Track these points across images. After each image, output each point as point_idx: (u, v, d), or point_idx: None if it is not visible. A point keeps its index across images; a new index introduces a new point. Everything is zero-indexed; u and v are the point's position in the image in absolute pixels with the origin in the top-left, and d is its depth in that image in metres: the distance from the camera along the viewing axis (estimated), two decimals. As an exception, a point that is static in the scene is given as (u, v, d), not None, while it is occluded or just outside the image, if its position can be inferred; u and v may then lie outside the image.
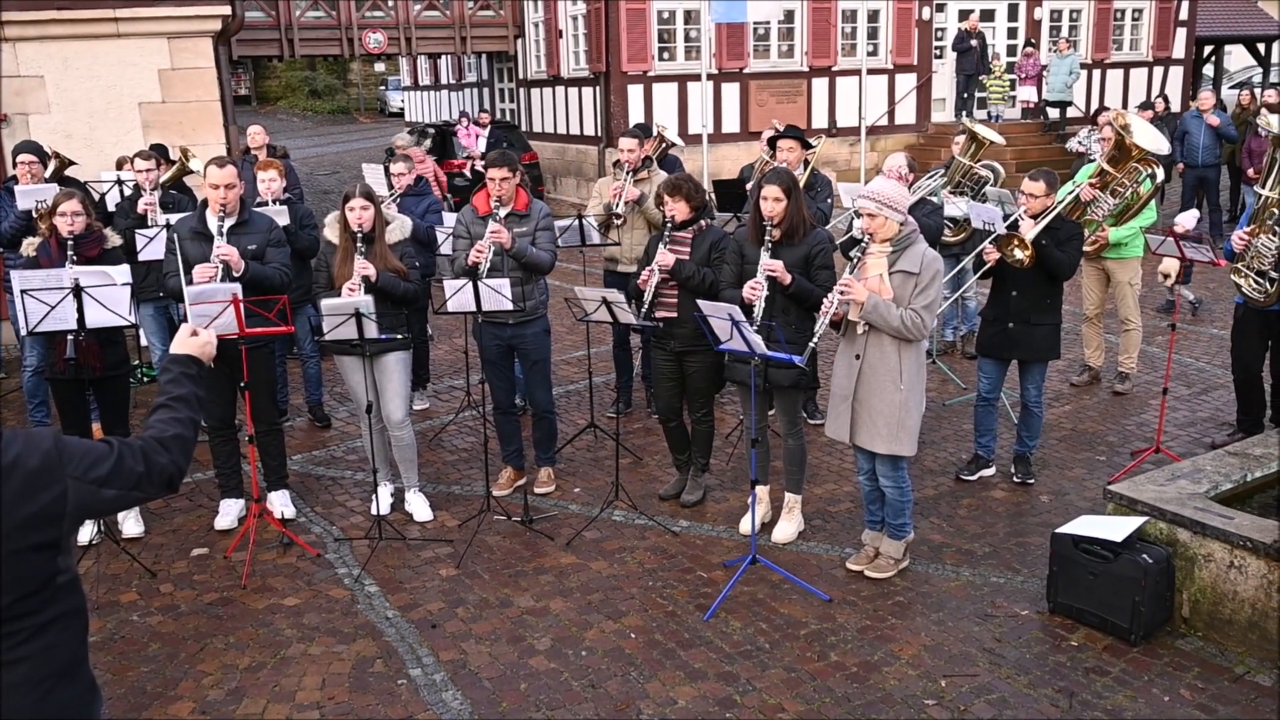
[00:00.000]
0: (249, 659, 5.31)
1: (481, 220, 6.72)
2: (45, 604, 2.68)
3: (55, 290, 6.03)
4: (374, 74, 51.53)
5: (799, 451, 6.43)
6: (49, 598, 2.69)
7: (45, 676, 2.70)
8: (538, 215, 6.83)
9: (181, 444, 2.92)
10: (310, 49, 21.62)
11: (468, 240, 6.78)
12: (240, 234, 6.48)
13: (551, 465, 7.37)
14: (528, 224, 6.76)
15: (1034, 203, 6.94)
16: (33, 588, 2.65)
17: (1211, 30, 26.76)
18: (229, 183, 6.39)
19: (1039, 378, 7.09)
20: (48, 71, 11.58)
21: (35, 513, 2.61)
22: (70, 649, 2.77)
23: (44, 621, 2.69)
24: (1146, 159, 7.99)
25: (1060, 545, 5.50)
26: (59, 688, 2.74)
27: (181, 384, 3.08)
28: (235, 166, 6.51)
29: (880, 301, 5.50)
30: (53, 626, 2.71)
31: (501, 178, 6.62)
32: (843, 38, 20.99)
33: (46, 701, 2.71)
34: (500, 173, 6.62)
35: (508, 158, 6.74)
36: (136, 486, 2.78)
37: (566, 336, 11.02)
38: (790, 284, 5.95)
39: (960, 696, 4.85)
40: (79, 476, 2.68)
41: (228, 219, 6.40)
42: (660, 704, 4.85)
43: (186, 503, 7.21)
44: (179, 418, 2.97)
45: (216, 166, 6.43)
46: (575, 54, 21.20)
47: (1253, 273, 7.16)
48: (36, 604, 2.66)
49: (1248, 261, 7.16)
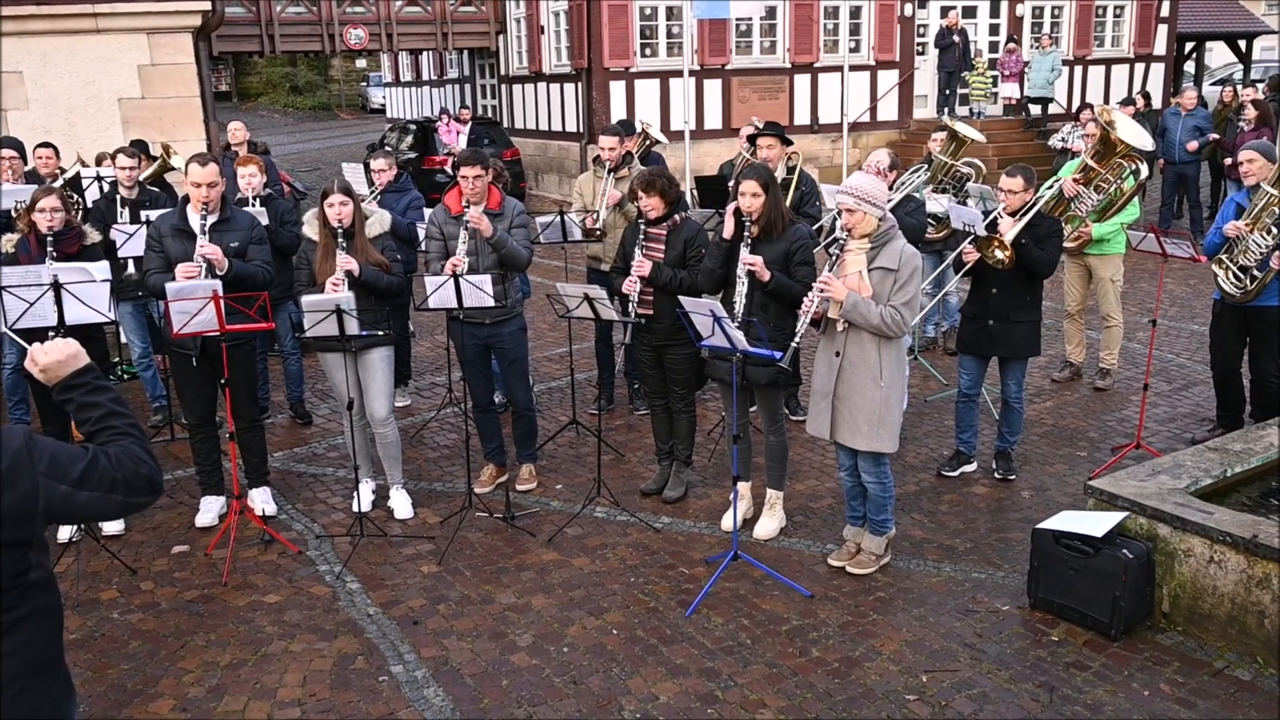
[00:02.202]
0: (230, 656, 5.28)
1: (454, 220, 6.68)
2: (17, 601, 2.67)
3: (34, 287, 6.00)
4: (355, 70, 51.33)
5: (781, 448, 6.44)
6: (21, 595, 2.68)
7: (18, 675, 2.70)
8: (511, 213, 6.78)
9: (142, 450, 2.86)
10: (291, 45, 21.50)
11: (440, 241, 6.75)
12: (222, 231, 6.44)
13: (533, 462, 7.35)
14: (501, 222, 6.70)
15: (1012, 199, 6.94)
16: (3, 585, 2.64)
17: (1192, 27, 26.89)
18: (211, 181, 6.34)
19: (1019, 374, 7.11)
20: (26, 67, 11.50)
21: (10, 510, 2.59)
22: (43, 647, 2.76)
23: (16, 619, 2.68)
24: (1131, 155, 8.02)
25: (1041, 541, 5.52)
26: (33, 685, 2.73)
27: (94, 398, 2.93)
28: (217, 164, 6.46)
29: (859, 300, 5.50)
30: (26, 624, 2.70)
31: (474, 175, 6.56)
32: (825, 34, 21.01)
33: (20, 699, 2.70)
34: (472, 170, 6.56)
35: (479, 155, 6.69)
36: (113, 489, 2.74)
37: (549, 333, 11.01)
38: (769, 280, 5.96)
39: (941, 691, 4.87)
40: (50, 475, 2.65)
41: (210, 216, 6.37)
42: (642, 700, 4.85)
43: (167, 500, 7.17)
44: (117, 429, 2.89)
45: (198, 165, 6.38)
46: (557, 50, 21.17)
47: (1235, 266, 7.18)
48: (9, 601, 2.66)
49: (1234, 255, 7.18)
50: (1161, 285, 8.02)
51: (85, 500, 2.71)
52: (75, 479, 2.69)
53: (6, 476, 2.60)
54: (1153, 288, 11.89)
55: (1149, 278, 12.76)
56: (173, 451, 8.02)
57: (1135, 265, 12.63)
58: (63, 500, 2.67)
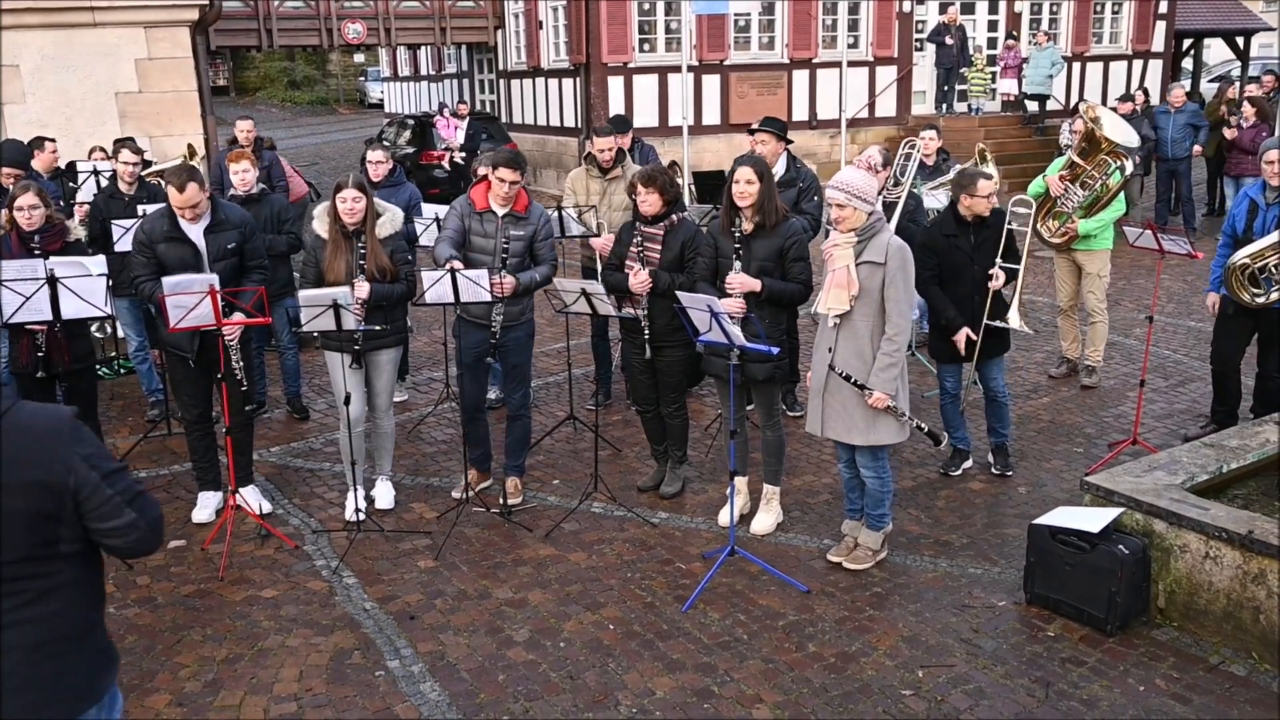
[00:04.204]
0: (226, 651, 5.28)
1: (479, 215, 6.50)
2: (48, 571, 2.75)
3: (30, 281, 5.99)
4: (353, 65, 51.24)
5: (777, 443, 6.44)
6: (51, 565, 2.75)
7: (44, 641, 2.77)
8: (537, 219, 6.57)
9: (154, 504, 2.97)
10: (289, 39, 21.47)
11: (460, 229, 6.53)
12: (216, 233, 6.39)
13: (519, 475, 7.07)
14: (527, 227, 6.51)
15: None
16: (32, 553, 2.71)
17: (1190, 24, 26.88)
18: (194, 203, 6.21)
19: (998, 370, 7.11)
20: (23, 61, 11.49)
21: (38, 480, 2.67)
22: (72, 618, 2.83)
23: (47, 588, 2.75)
24: (1116, 152, 8.03)
25: (1037, 536, 5.53)
26: (60, 654, 2.80)
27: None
28: (195, 181, 6.21)
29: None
30: (56, 594, 2.78)
31: (511, 180, 6.34)
32: (823, 30, 20.98)
33: (44, 666, 2.78)
34: (511, 175, 6.33)
35: (519, 160, 6.50)
36: (134, 503, 2.81)
37: (546, 329, 10.99)
38: (762, 291, 5.96)
39: (937, 687, 4.87)
40: (86, 458, 2.74)
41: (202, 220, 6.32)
42: (638, 695, 4.85)
43: (164, 495, 7.17)
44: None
45: (177, 191, 6.14)
46: (555, 45, 21.15)
47: (1245, 278, 7.03)
48: (36, 569, 2.73)
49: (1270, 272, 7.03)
50: (1159, 281, 8.01)
51: (108, 498, 2.77)
52: (107, 472, 2.77)
53: (44, 445, 2.70)
54: (1150, 284, 11.87)
55: (1146, 274, 12.76)
56: (169, 446, 8.02)
57: (1132, 261, 12.65)
58: (93, 489, 2.74)
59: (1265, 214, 7.20)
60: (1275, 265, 6.93)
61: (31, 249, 6.49)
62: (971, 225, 6.90)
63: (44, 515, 2.70)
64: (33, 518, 2.68)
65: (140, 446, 7.96)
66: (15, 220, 6.55)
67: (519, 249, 6.52)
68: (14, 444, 2.66)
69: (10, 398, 2.74)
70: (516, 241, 6.50)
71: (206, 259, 6.36)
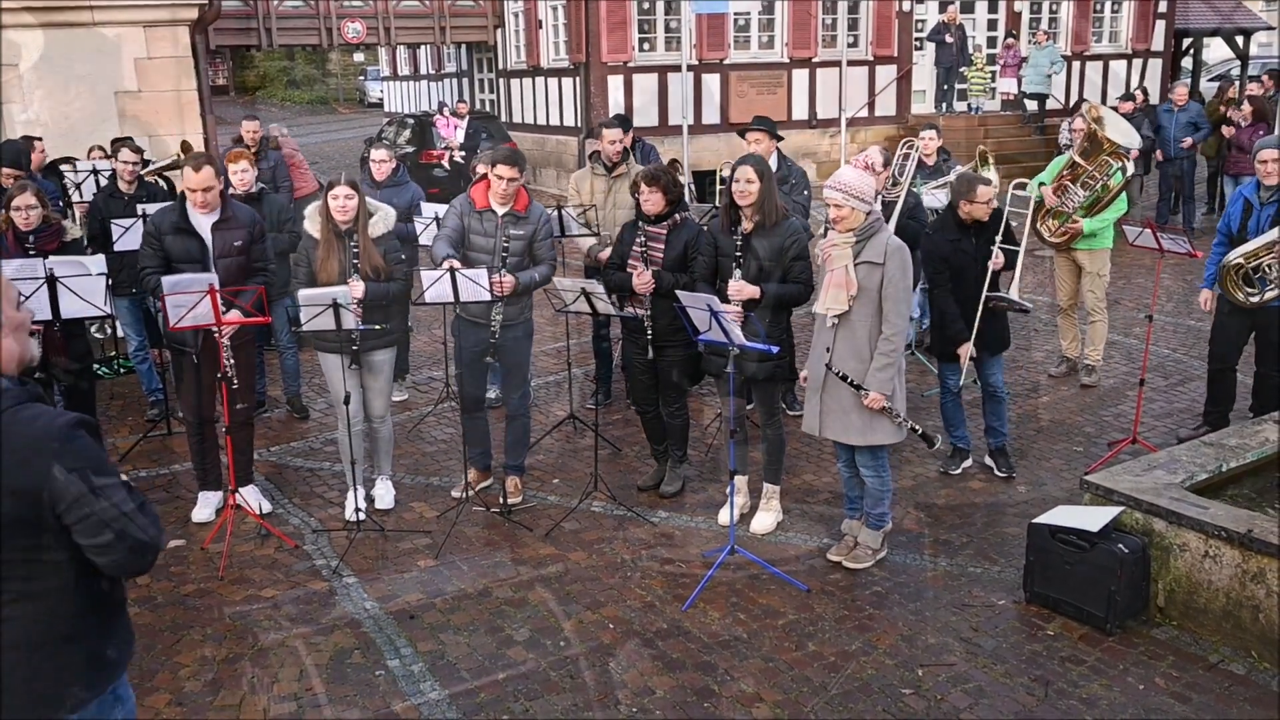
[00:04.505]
0: (226, 650, 5.28)
1: (478, 214, 6.48)
2: (27, 575, 2.73)
3: (29, 280, 5.99)
4: (353, 64, 51.25)
5: (777, 442, 6.44)
6: (30, 570, 2.73)
7: (17, 644, 2.75)
8: (537, 219, 6.55)
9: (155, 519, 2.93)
10: (288, 39, 21.47)
11: (459, 226, 6.52)
12: (225, 230, 6.39)
13: (519, 475, 7.06)
14: (526, 227, 6.49)
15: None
16: (13, 556, 2.70)
17: (1190, 23, 26.86)
18: (207, 185, 6.23)
19: (997, 367, 7.12)
20: (22, 60, 11.47)
21: (20, 487, 2.65)
22: (52, 626, 2.80)
23: (27, 592, 2.74)
24: (1117, 152, 8.03)
25: (1037, 535, 5.53)
26: (40, 658, 2.79)
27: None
28: (212, 165, 6.33)
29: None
30: (37, 599, 2.76)
31: (510, 178, 6.33)
32: (823, 29, 20.97)
33: (20, 668, 2.77)
34: (510, 171, 6.32)
35: (518, 157, 6.49)
36: (114, 524, 2.73)
37: (546, 328, 10.99)
38: (762, 297, 5.97)
39: (937, 686, 4.88)
40: (73, 470, 2.68)
41: (212, 214, 6.32)
42: (638, 694, 4.86)
43: (164, 494, 7.17)
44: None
45: (193, 170, 6.22)
46: (555, 44, 21.14)
47: (1239, 278, 7.05)
48: (14, 572, 2.72)
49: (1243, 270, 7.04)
50: (1158, 280, 8.02)
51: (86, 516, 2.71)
52: (95, 487, 2.71)
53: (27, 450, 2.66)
54: (1149, 283, 11.87)
55: (1146, 273, 12.76)
56: (169, 446, 8.02)
57: (1132, 260, 12.64)
58: (71, 504, 2.69)
59: (1260, 213, 7.20)
60: (1269, 265, 6.93)
61: (27, 249, 6.49)
62: (972, 228, 6.91)
63: (25, 522, 2.67)
64: (15, 522, 2.66)
65: (140, 446, 7.96)
66: (12, 220, 6.55)
67: (518, 248, 6.51)
68: (8, 447, 2.64)
69: (12, 397, 2.71)
70: (516, 241, 6.49)
71: (211, 253, 6.36)
